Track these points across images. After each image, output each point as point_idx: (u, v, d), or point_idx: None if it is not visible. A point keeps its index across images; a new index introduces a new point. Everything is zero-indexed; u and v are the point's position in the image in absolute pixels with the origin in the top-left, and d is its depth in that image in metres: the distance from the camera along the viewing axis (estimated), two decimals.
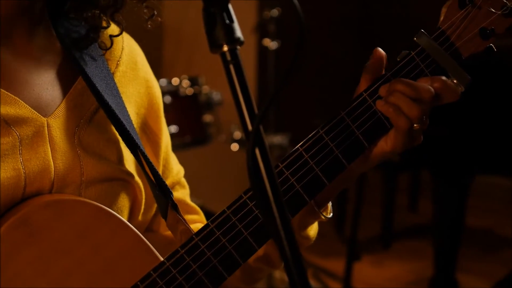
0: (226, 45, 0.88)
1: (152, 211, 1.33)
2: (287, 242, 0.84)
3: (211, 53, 0.90)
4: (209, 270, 1.15)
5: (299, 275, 0.85)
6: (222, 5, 0.89)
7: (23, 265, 1.11)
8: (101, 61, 1.26)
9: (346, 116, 1.19)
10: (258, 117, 0.86)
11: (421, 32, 1.21)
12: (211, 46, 0.89)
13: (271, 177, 0.85)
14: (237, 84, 0.88)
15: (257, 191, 0.86)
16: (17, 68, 1.19)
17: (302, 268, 0.85)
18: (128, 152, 1.26)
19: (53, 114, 1.19)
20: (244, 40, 0.89)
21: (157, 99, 1.36)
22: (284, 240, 0.84)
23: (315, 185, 1.19)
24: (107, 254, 1.15)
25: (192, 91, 3.45)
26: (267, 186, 0.85)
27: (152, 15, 1.28)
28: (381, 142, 1.22)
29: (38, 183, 1.15)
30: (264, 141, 0.86)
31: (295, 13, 0.85)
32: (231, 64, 0.88)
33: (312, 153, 1.19)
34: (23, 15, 1.19)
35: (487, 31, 1.20)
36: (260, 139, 0.86)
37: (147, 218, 1.33)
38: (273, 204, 0.85)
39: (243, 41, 0.89)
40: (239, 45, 0.89)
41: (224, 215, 1.17)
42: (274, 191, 0.85)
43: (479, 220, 4.83)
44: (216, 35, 0.89)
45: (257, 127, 0.86)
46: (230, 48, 0.88)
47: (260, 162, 0.86)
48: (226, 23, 0.89)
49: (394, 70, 1.21)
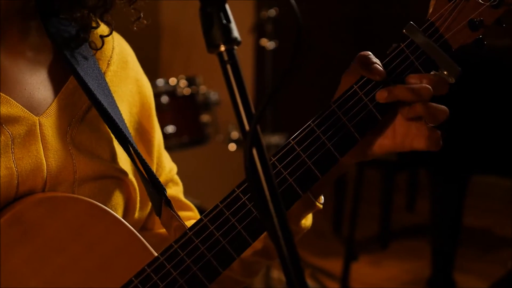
0: (223, 45, 0.88)
1: (147, 209, 1.34)
2: (285, 242, 0.84)
3: (209, 53, 0.90)
4: (204, 264, 1.15)
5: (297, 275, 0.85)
6: (219, 5, 0.89)
7: (18, 263, 1.11)
8: (92, 61, 1.27)
9: (337, 108, 1.20)
10: (255, 117, 0.86)
11: (410, 24, 1.21)
12: (208, 46, 0.89)
13: (268, 177, 0.85)
14: (234, 84, 0.88)
15: (254, 191, 0.86)
16: (9, 67, 1.19)
17: (299, 268, 0.85)
18: (122, 150, 1.27)
19: (45, 113, 1.20)
20: (241, 40, 0.89)
21: (148, 98, 1.37)
22: (282, 240, 0.84)
23: (308, 178, 1.19)
24: (102, 251, 1.15)
25: (190, 91, 3.45)
26: (264, 186, 0.85)
27: (139, 17, 1.29)
28: (375, 141, 1.22)
29: (31, 181, 1.16)
30: (262, 141, 0.86)
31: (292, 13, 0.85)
32: (228, 64, 0.88)
33: (304, 146, 1.19)
34: (15, 15, 1.19)
35: (476, 22, 1.20)
36: (257, 139, 0.86)
37: (142, 216, 1.33)
38: (271, 204, 0.85)
39: (240, 41, 0.89)
40: (237, 45, 0.89)
41: (217, 209, 1.17)
42: (272, 191, 0.85)
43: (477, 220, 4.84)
44: (213, 35, 0.89)
45: (254, 127, 0.86)
46: (227, 48, 0.88)
47: (258, 162, 0.86)
48: (223, 23, 0.89)
49: (384, 62, 1.20)
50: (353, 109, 1.20)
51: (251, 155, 0.85)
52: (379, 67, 1.18)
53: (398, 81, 1.20)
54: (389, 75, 1.20)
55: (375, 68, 1.18)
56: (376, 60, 1.20)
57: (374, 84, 1.20)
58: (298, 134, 1.19)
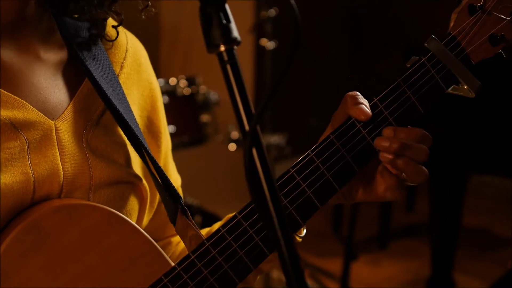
0: (223, 45, 0.88)
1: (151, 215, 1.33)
2: (284, 241, 0.84)
3: (208, 53, 0.90)
4: (220, 275, 1.15)
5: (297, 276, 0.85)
6: (219, 5, 0.89)
7: (34, 269, 1.09)
8: (106, 64, 1.25)
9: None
10: (255, 117, 0.86)
11: (432, 37, 1.21)
12: (208, 46, 0.89)
13: (268, 177, 0.85)
14: (234, 84, 0.88)
15: (254, 192, 0.86)
16: (23, 71, 1.18)
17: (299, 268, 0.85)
18: (135, 154, 1.26)
19: (61, 117, 1.18)
20: (241, 40, 0.89)
21: (159, 101, 1.36)
22: (282, 240, 0.84)
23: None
24: (118, 259, 1.14)
25: (190, 91, 3.45)
26: (264, 186, 0.85)
27: (147, 5, 1.28)
28: (379, 188, 1.22)
29: (47, 187, 1.14)
30: (261, 141, 0.86)
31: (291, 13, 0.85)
32: (228, 64, 0.88)
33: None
34: (28, 18, 1.18)
35: (497, 37, 1.21)
36: (257, 139, 0.86)
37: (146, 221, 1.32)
38: (270, 204, 0.85)
39: (240, 41, 0.88)
40: (236, 45, 0.89)
41: (235, 220, 1.16)
42: (271, 191, 0.85)
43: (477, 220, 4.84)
44: (213, 35, 0.89)
45: (254, 127, 0.86)
46: (227, 48, 0.88)
47: (257, 162, 0.86)
48: (223, 23, 0.89)
49: (404, 75, 1.21)
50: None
51: (251, 155, 0.85)
52: (365, 109, 1.19)
53: (416, 95, 1.21)
54: (410, 89, 1.21)
55: (361, 109, 1.19)
56: (363, 101, 1.20)
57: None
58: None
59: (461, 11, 1.22)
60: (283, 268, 0.85)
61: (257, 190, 0.85)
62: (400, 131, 1.19)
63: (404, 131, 1.19)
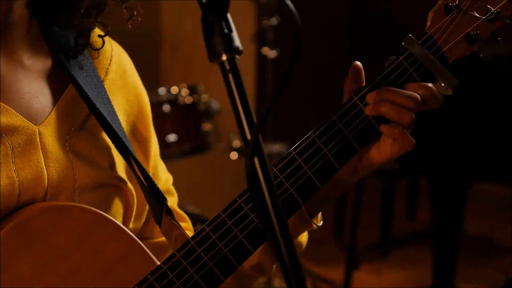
0: (224, 54, 0.88)
1: (142, 219, 1.34)
2: (286, 251, 0.85)
3: (210, 62, 0.90)
4: (206, 273, 1.17)
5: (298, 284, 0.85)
6: (220, 14, 0.90)
7: (22, 269, 1.11)
8: (91, 69, 1.27)
9: (337, 120, 1.21)
10: (256, 126, 0.86)
11: (409, 37, 1.23)
12: (209, 55, 0.90)
13: (269, 186, 0.86)
14: (236, 93, 0.88)
15: (255, 200, 0.86)
16: (7, 76, 1.20)
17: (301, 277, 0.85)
18: (120, 158, 1.27)
19: (44, 122, 1.20)
20: (242, 49, 0.89)
21: (146, 106, 1.37)
22: (283, 249, 0.85)
23: (309, 188, 1.21)
24: (105, 258, 1.16)
25: (191, 99, 3.45)
26: (266, 194, 0.85)
27: (132, 15, 1.29)
28: (372, 152, 1.24)
29: (32, 190, 1.16)
30: (263, 149, 0.86)
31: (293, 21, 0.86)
32: (230, 73, 0.88)
33: (305, 157, 1.20)
34: (13, 24, 1.20)
35: (473, 36, 1.23)
36: (258, 148, 0.86)
37: (137, 225, 1.33)
38: (272, 212, 0.85)
39: (242, 50, 0.89)
40: (238, 54, 0.89)
41: (219, 219, 1.18)
42: (273, 200, 0.85)
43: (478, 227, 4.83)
44: (214, 44, 0.89)
45: (255, 136, 0.86)
46: (228, 57, 0.88)
47: (259, 171, 0.86)
48: (225, 32, 0.89)
49: (383, 74, 1.23)
50: (353, 121, 1.22)
51: (252, 163, 0.86)
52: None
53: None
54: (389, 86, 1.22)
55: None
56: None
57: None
58: (299, 144, 1.21)
59: (437, 10, 1.24)
60: (284, 276, 0.85)
61: (259, 199, 0.85)
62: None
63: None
